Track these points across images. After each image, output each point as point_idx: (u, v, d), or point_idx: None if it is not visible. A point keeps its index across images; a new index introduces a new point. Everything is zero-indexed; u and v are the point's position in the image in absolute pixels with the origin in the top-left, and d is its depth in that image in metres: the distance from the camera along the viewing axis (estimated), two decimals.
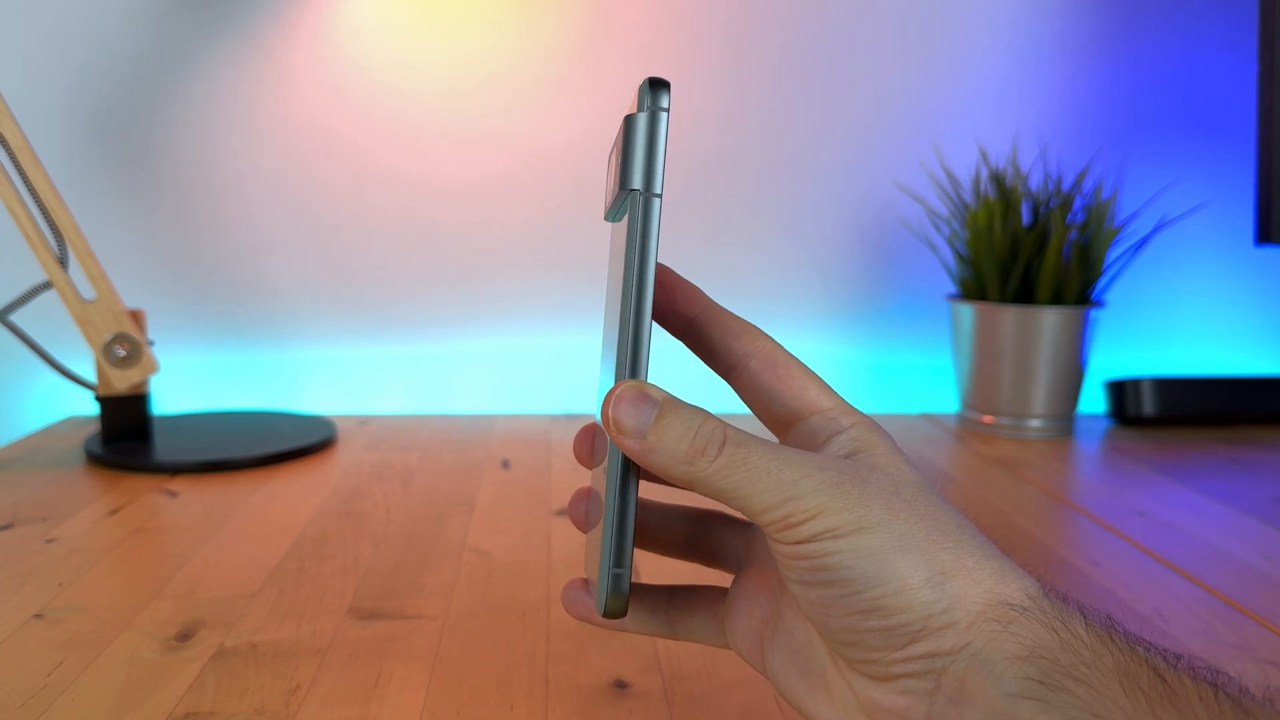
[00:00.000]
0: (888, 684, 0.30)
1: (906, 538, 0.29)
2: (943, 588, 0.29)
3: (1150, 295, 1.06)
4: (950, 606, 0.29)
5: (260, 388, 1.02)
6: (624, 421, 0.31)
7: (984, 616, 0.28)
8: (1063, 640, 0.27)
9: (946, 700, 0.28)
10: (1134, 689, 0.26)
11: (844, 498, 0.30)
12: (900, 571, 0.29)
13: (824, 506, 0.29)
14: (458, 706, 0.43)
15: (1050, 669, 0.27)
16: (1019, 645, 0.28)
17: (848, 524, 0.29)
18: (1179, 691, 0.25)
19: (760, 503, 0.30)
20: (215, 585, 0.56)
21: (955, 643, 0.28)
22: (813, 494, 0.29)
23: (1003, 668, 0.27)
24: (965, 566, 0.29)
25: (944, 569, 0.29)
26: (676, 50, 1.00)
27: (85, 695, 0.44)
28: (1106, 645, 0.27)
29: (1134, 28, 1.02)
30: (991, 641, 0.28)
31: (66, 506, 0.70)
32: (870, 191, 1.03)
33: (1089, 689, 0.26)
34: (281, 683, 0.45)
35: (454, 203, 1.01)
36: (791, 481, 0.30)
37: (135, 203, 0.98)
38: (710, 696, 0.45)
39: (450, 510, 0.70)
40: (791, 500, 0.29)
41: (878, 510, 0.29)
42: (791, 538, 0.29)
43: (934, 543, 0.29)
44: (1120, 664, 0.27)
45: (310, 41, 0.97)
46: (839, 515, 0.29)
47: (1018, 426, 0.92)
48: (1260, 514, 0.71)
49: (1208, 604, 0.55)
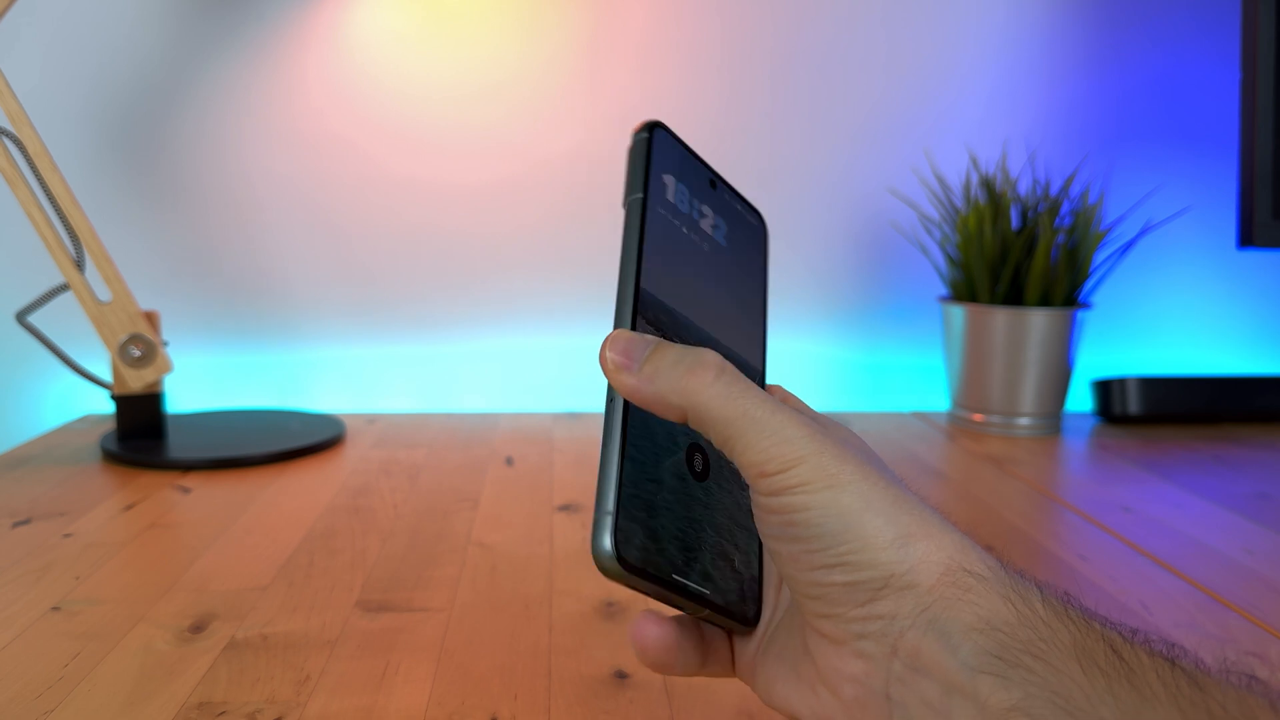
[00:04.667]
0: (845, 646, 0.30)
1: (875, 500, 0.29)
2: (907, 549, 0.29)
3: (1135, 297, 1.07)
4: (913, 567, 0.29)
5: (271, 387, 1.03)
6: (619, 358, 0.32)
7: (944, 581, 0.28)
8: (1020, 614, 0.27)
9: (903, 666, 0.28)
10: (1091, 666, 0.26)
11: (822, 453, 0.30)
12: (867, 530, 0.29)
13: (803, 457, 0.30)
14: (463, 696, 0.44)
15: (1007, 643, 0.27)
16: (975, 616, 0.27)
17: (819, 480, 0.29)
18: (1136, 668, 0.25)
19: (746, 441, 0.30)
20: (227, 579, 0.57)
21: (914, 605, 0.28)
22: (796, 442, 0.30)
23: (959, 638, 0.27)
24: (929, 533, 0.29)
25: (909, 532, 0.29)
26: (674, 59, 1.00)
27: (101, 685, 0.44)
28: (1063, 621, 0.27)
29: (1120, 37, 1.03)
30: (949, 609, 0.28)
31: (83, 502, 0.70)
32: (863, 197, 1.04)
33: (1047, 665, 0.26)
34: (292, 673, 0.45)
35: (459, 207, 1.01)
36: (779, 426, 0.30)
37: (150, 207, 0.99)
38: (709, 687, 0.45)
39: (455, 506, 0.71)
40: (776, 445, 0.30)
41: (850, 470, 0.30)
42: (767, 487, 0.30)
43: (901, 508, 0.30)
44: (1077, 640, 0.26)
45: (321, 50, 0.98)
46: (814, 469, 0.30)
47: (1007, 424, 0.92)
48: (1242, 509, 0.71)
49: (1191, 596, 0.56)
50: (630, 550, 0.30)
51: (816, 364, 1.06)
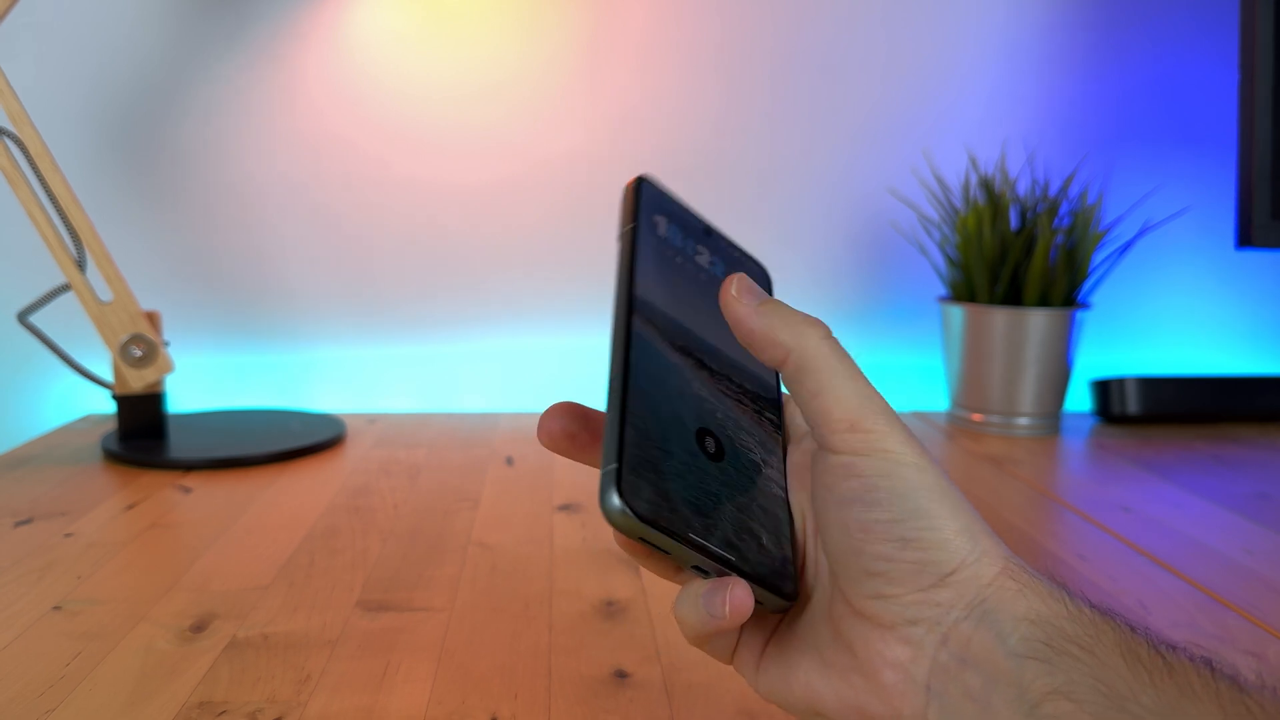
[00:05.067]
0: (894, 631, 0.30)
1: (946, 490, 0.30)
2: (974, 540, 0.30)
3: (1134, 297, 1.07)
4: (980, 558, 0.29)
5: (271, 387, 1.03)
6: (740, 289, 0.34)
7: (1004, 574, 0.29)
8: (1069, 611, 0.28)
9: (950, 656, 0.29)
10: (1135, 661, 0.26)
11: (904, 434, 0.31)
12: (943, 514, 0.30)
13: (890, 431, 0.31)
14: (463, 696, 0.44)
15: (1056, 634, 0.27)
16: (1028, 608, 0.28)
17: (907, 454, 0.30)
18: (1177, 669, 0.26)
19: (844, 395, 0.31)
20: (228, 578, 0.57)
21: (974, 596, 0.29)
22: (882, 414, 0.31)
23: (1009, 628, 0.28)
24: (988, 534, 0.30)
25: (975, 528, 0.30)
26: (674, 60, 1.01)
27: (102, 685, 0.44)
28: (1108, 623, 0.28)
29: (1118, 39, 1.03)
30: (1005, 602, 0.28)
31: (84, 502, 0.70)
32: (863, 197, 1.04)
33: (1093, 656, 0.26)
34: (292, 673, 0.46)
35: (460, 207, 1.02)
36: (870, 396, 0.31)
37: (151, 207, 0.99)
38: (709, 686, 0.45)
39: (456, 506, 0.71)
40: (869, 411, 0.31)
41: (928, 460, 0.31)
42: (854, 444, 0.31)
43: (964, 503, 0.31)
44: (1121, 639, 0.27)
45: (321, 50, 0.98)
46: (901, 445, 0.30)
47: (1006, 424, 0.93)
48: (1241, 509, 0.71)
49: (1190, 596, 0.56)
50: (639, 502, 0.29)
51: None
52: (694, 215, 0.41)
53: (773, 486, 0.35)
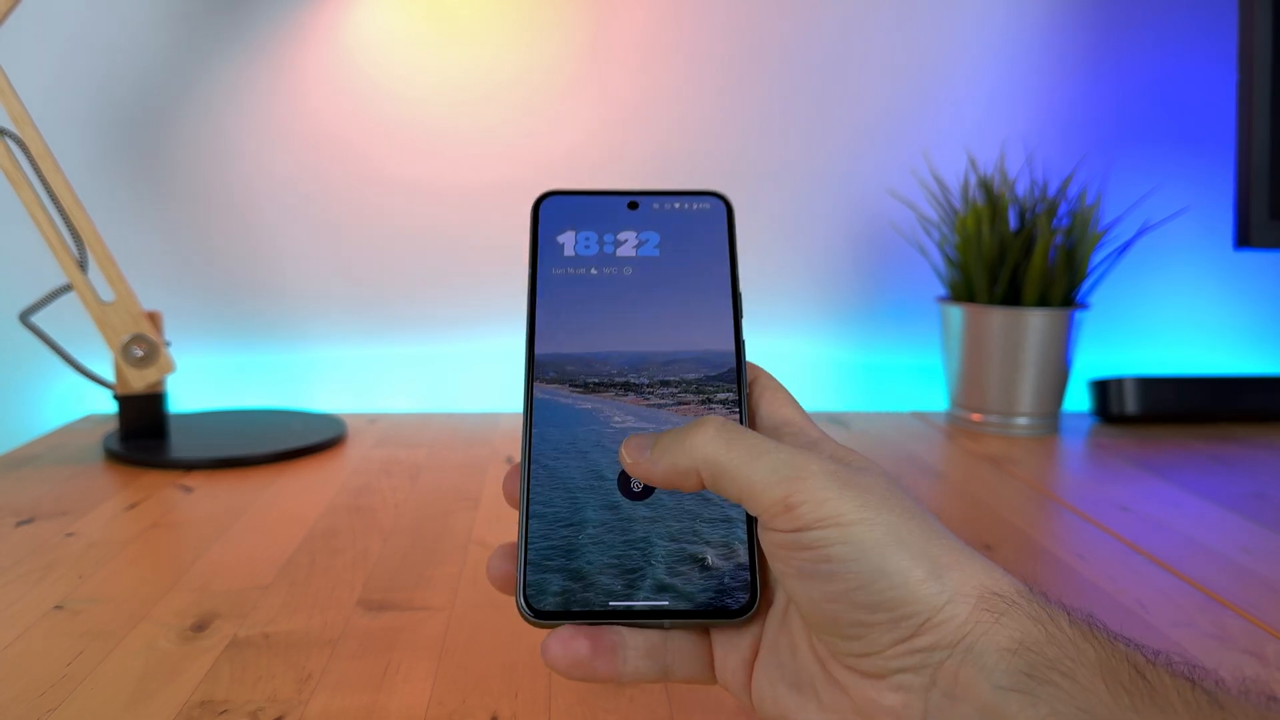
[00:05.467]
0: (883, 680, 0.29)
1: (903, 532, 0.29)
2: (943, 580, 0.29)
3: (1133, 297, 1.07)
4: (952, 598, 0.29)
5: (272, 387, 1.03)
6: (630, 456, 0.33)
7: (979, 608, 0.28)
8: (1048, 633, 0.28)
9: (941, 695, 0.28)
10: (1116, 685, 0.26)
11: (843, 488, 0.30)
12: (903, 565, 0.29)
13: (824, 495, 0.29)
14: (464, 695, 0.44)
15: (1036, 661, 0.27)
16: (1009, 638, 0.28)
17: (849, 513, 0.29)
18: (1158, 688, 0.26)
19: (762, 480, 0.30)
20: (229, 578, 0.57)
21: (955, 635, 0.28)
22: (813, 477, 0.30)
23: (993, 660, 0.27)
24: (958, 561, 0.29)
25: (941, 562, 0.29)
26: (674, 61, 1.01)
27: (104, 684, 0.44)
28: (1089, 640, 0.27)
29: (1118, 39, 1.03)
30: (986, 634, 0.28)
31: (86, 501, 0.70)
32: (863, 198, 1.04)
33: (1073, 682, 0.26)
34: (293, 672, 0.46)
35: (460, 208, 1.02)
36: (791, 463, 0.30)
37: (152, 208, 0.99)
38: (709, 687, 0.44)
39: (456, 505, 0.71)
40: (792, 481, 0.30)
41: (874, 504, 0.29)
42: (791, 523, 0.29)
43: (928, 538, 0.29)
44: (1102, 659, 0.27)
45: (322, 52, 0.98)
46: (840, 504, 0.29)
47: (1005, 424, 0.93)
48: (1239, 508, 0.72)
49: (1189, 596, 0.56)
50: (546, 600, 0.33)
51: (815, 364, 1.06)
52: (612, 200, 0.40)
53: None
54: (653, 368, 0.37)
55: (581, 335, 0.36)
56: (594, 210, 0.39)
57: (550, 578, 0.33)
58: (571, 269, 0.38)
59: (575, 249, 0.38)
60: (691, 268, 0.39)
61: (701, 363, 0.37)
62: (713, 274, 0.39)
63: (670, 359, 0.37)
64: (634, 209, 0.40)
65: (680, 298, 0.38)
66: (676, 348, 0.37)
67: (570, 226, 0.39)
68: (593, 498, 0.35)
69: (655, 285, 0.38)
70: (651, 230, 0.39)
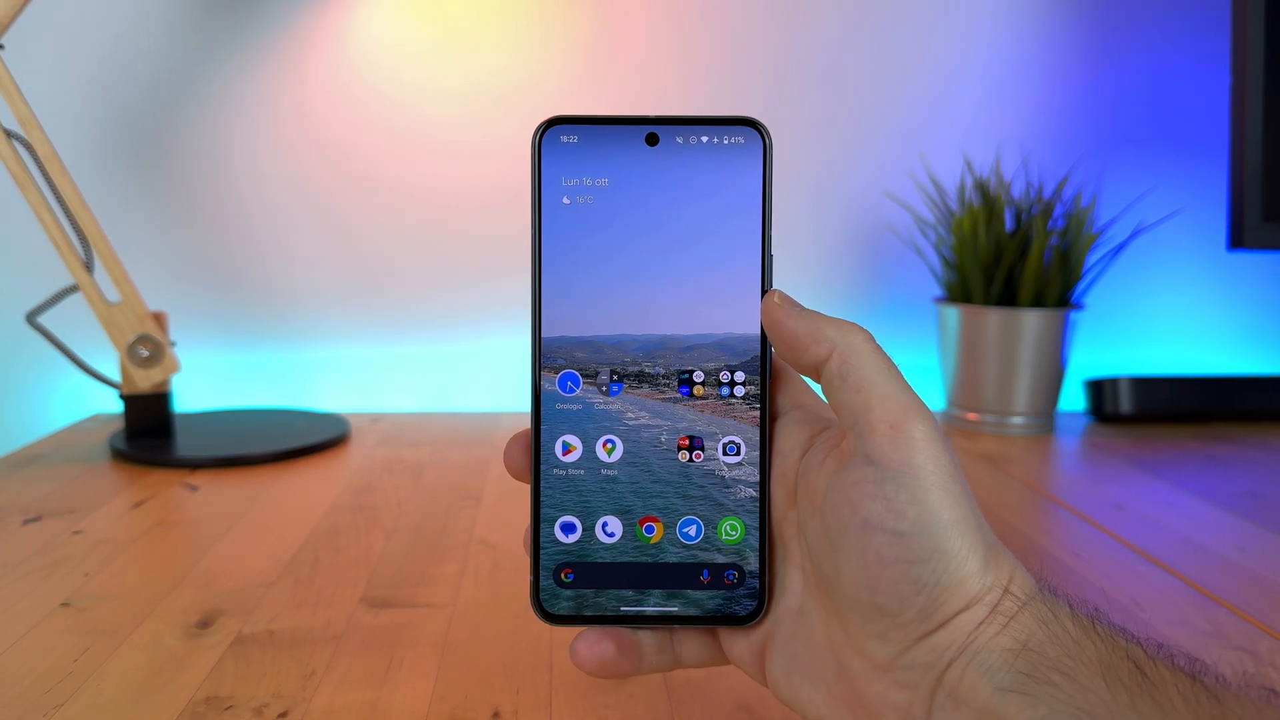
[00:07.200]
0: (889, 674, 0.29)
1: (968, 516, 0.29)
2: (991, 570, 0.29)
3: (1128, 298, 1.08)
4: (986, 591, 0.29)
5: (277, 386, 1.03)
6: (780, 300, 0.34)
7: (995, 610, 0.29)
8: (1050, 633, 0.28)
9: (946, 696, 0.28)
10: (1115, 682, 0.26)
11: (938, 447, 0.30)
12: (964, 550, 0.29)
13: (927, 442, 0.30)
14: (466, 691, 0.44)
15: (1037, 662, 0.27)
16: (1013, 639, 0.28)
17: (937, 474, 0.29)
18: (1158, 684, 0.26)
19: (885, 395, 0.30)
20: (234, 575, 0.57)
21: (967, 638, 0.28)
22: (921, 421, 0.30)
23: (996, 661, 0.27)
24: (998, 554, 0.29)
25: (992, 549, 0.29)
26: (675, 65, 1.01)
27: (110, 680, 0.45)
28: (1090, 637, 0.27)
29: (1112, 42, 1.03)
30: (994, 637, 0.28)
31: (92, 500, 0.70)
32: (860, 199, 1.05)
33: (1073, 682, 0.26)
34: (297, 668, 0.46)
35: (462, 210, 1.02)
36: (913, 402, 0.31)
37: (158, 209, 1.00)
38: (708, 682, 0.45)
39: (458, 504, 0.71)
40: (909, 415, 0.30)
41: (954, 474, 0.30)
42: (892, 451, 0.29)
43: (980, 524, 0.30)
44: (1102, 656, 0.27)
45: (327, 56, 0.99)
46: (935, 459, 0.29)
47: (1001, 424, 0.93)
48: (1233, 507, 0.72)
49: (1183, 593, 0.56)
50: (559, 605, 0.33)
51: None
52: (628, 130, 0.35)
53: (739, 490, 0.35)
54: (669, 355, 0.35)
55: (591, 312, 0.34)
56: (606, 145, 0.35)
57: (561, 583, 0.33)
58: (581, 226, 0.34)
59: (587, 199, 0.34)
60: (717, 224, 0.35)
61: (720, 357, 0.35)
62: (741, 232, 0.35)
63: (689, 345, 0.35)
64: (653, 143, 0.35)
65: (701, 265, 0.35)
66: (696, 330, 0.35)
67: (579, 169, 0.34)
68: (604, 501, 0.34)
69: (674, 251, 0.35)
70: (678, 165, 0.35)
